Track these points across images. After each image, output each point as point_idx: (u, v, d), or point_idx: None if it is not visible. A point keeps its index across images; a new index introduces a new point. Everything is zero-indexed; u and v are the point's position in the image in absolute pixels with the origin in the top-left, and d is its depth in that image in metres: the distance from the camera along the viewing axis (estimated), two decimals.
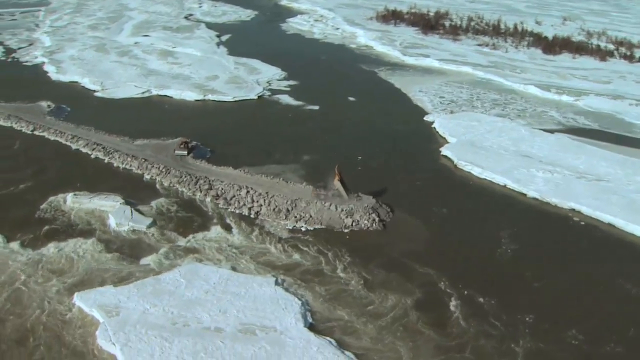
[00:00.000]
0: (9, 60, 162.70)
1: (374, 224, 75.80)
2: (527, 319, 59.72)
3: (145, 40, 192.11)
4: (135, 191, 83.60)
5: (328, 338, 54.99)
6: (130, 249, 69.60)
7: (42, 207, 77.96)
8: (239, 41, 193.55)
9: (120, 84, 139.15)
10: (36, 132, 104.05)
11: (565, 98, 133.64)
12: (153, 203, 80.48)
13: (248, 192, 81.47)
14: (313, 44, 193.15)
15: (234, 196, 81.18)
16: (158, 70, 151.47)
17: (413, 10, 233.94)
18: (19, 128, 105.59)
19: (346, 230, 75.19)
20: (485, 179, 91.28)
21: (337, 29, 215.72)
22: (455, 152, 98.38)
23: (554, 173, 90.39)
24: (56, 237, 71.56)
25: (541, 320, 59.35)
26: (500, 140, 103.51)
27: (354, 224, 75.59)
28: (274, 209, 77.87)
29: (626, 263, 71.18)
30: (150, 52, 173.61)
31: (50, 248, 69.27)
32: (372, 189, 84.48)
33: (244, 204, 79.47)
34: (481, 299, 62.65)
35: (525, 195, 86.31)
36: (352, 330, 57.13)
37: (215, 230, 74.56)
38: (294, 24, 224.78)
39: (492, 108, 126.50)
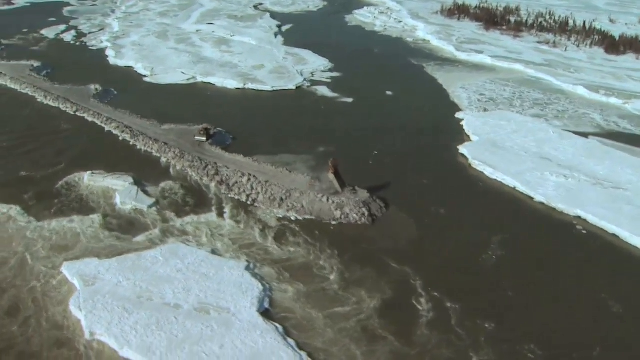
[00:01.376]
0: (77, 44, 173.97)
1: (362, 218, 77.07)
2: (490, 328, 58.69)
3: (208, 28, 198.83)
4: (148, 173, 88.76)
5: (276, 324, 56.91)
6: (127, 226, 74.77)
7: (61, 182, 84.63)
8: (297, 31, 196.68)
9: (169, 70, 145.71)
10: (78, 114, 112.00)
11: (613, 100, 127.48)
12: (161, 185, 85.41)
13: (249, 179, 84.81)
14: (370, 36, 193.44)
15: (236, 182, 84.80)
16: (209, 58, 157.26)
17: (483, 5, 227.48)
18: (64, 109, 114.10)
19: (334, 223, 76.91)
20: (495, 180, 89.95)
21: (400, 22, 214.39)
22: (472, 150, 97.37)
23: (569, 178, 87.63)
24: (66, 211, 77.50)
25: (505, 331, 58.22)
26: (524, 141, 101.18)
27: (342, 216, 77.17)
28: (269, 197, 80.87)
29: (617, 277, 68.26)
30: (208, 39, 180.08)
31: (58, 221, 75.00)
32: (374, 184, 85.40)
33: (244, 191, 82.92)
34: (449, 304, 61.98)
35: (532, 199, 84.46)
36: (308, 324, 58.55)
37: (210, 214, 78.49)
38: (358, 16, 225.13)
39: (530, 108, 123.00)
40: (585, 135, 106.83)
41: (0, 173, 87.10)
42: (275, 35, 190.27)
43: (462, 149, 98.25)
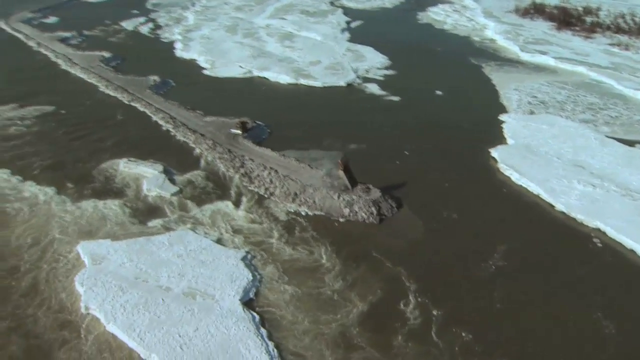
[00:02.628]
0: (151, 36, 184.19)
1: (370, 217, 78.16)
2: (467, 339, 58.18)
3: (278, 22, 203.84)
4: (180, 162, 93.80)
5: (254, 314, 59.67)
6: (146, 212, 79.83)
7: (99, 167, 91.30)
8: (365, 28, 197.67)
9: (229, 63, 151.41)
10: (131, 103, 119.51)
11: None
12: (189, 174, 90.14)
13: (270, 173, 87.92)
14: (437, 34, 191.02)
15: (257, 175, 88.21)
16: (270, 53, 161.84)
17: (563, 4, 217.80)
18: (120, 98, 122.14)
19: (342, 220, 78.48)
20: (520, 186, 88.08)
21: (471, 20, 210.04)
22: (503, 154, 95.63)
23: (597, 187, 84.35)
24: (99, 195, 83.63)
25: (482, 344, 57.54)
26: (560, 146, 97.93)
27: (351, 214, 78.62)
28: (285, 192, 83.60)
29: (621, 296, 65.22)
30: (274, 34, 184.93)
31: (90, 204, 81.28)
32: (394, 183, 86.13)
33: (263, 184, 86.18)
34: (435, 312, 61.68)
35: (553, 207, 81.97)
36: (286, 322, 59.87)
37: (226, 205, 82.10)
38: (431, 14, 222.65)
39: (581, 112, 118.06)
40: (631, 143, 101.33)
41: (49, 156, 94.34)
42: (342, 31, 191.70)
43: (494, 152, 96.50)
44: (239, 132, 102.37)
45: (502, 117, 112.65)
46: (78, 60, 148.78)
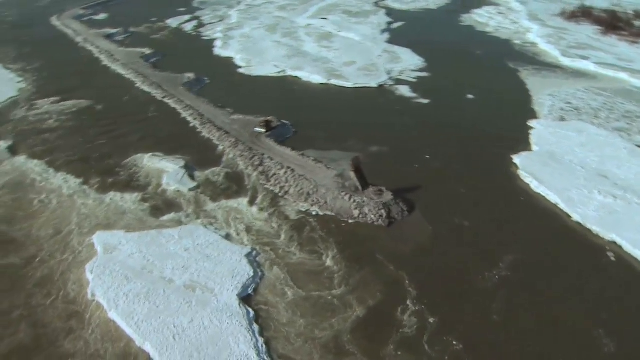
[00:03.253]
0: (193, 34, 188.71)
1: (379, 220, 78.53)
2: (457, 349, 57.48)
3: (319, 22, 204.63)
4: (203, 158, 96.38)
5: (249, 309, 61.22)
6: (163, 206, 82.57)
7: (125, 161, 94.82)
8: (405, 29, 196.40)
9: (264, 62, 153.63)
10: (164, 100, 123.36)
11: None
12: (208, 170, 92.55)
13: (286, 172, 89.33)
14: (477, 37, 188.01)
15: (274, 174, 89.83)
16: (306, 52, 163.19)
17: (612, 8, 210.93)
18: (154, 94, 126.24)
19: (351, 221, 79.08)
20: (539, 195, 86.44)
21: (515, 23, 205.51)
22: (525, 161, 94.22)
23: (618, 199, 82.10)
24: (118, 187, 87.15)
25: (472, 355, 56.83)
26: (587, 155, 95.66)
27: (360, 216, 79.18)
28: (299, 191, 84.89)
29: (629, 314, 62.84)
30: (313, 34, 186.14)
31: (112, 196, 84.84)
32: (409, 187, 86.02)
33: (278, 183, 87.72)
34: (431, 320, 61.02)
35: (569, 217, 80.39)
36: (281, 323, 60.59)
37: (240, 202, 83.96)
38: (474, 16, 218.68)
39: (616, 120, 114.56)
40: None
41: (79, 149, 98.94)
42: (382, 32, 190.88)
43: (516, 158, 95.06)
44: (262, 130, 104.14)
45: (531, 123, 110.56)
46: (120, 56, 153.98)
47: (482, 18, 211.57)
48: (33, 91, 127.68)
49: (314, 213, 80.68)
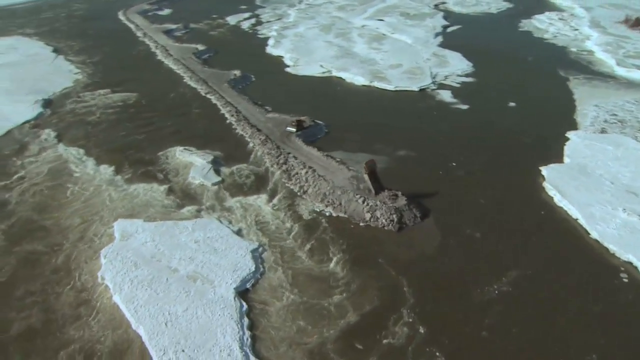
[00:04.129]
0: (250, 32, 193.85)
1: (390, 225, 79.09)
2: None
3: (374, 23, 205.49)
4: (232, 154, 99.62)
5: (244, 303, 63.56)
6: (185, 198, 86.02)
7: (158, 154, 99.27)
8: (460, 33, 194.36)
9: (312, 62, 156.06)
10: (207, 96, 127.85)
11: None
12: (235, 166, 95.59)
13: (307, 172, 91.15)
14: (533, 43, 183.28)
15: (296, 173, 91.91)
16: (354, 53, 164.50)
17: None
18: (199, 90, 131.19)
19: (362, 224, 80.00)
20: (561, 208, 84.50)
21: (575, 30, 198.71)
22: (553, 173, 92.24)
23: None
24: (147, 178, 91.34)
25: None
26: (619, 170, 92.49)
27: (372, 219, 79.99)
28: (316, 191, 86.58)
29: (627, 340, 60.11)
30: (365, 35, 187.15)
31: (140, 186, 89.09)
32: (428, 193, 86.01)
33: (299, 182, 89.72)
34: (422, 330, 60.75)
35: (588, 234, 78.38)
36: (271, 324, 61.43)
37: (259, 199, 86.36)
38: (534, 21, 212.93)
39: None
40: None
41: (119, 140, 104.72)
42: (435, 35, 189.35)
43: (545, 170, 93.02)
44: (293, 130, 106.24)
45: (569, 134, 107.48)
46: (174, 51, 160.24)
47: (542, 24, 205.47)
48: (87, 83, 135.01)
49: (327, 214, 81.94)
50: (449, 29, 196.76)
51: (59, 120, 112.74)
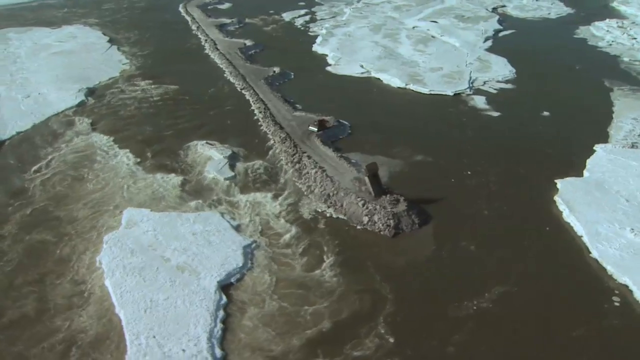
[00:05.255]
0: (301, 29, 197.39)
1: (386, 230, 79.94)
2: None
3: (426, 25, 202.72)
4: (251, 150, 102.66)
5: (224, 297, 66.44)
6: (196, 191, 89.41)
7: (182, 147, 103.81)
8: (512, 38, 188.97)
9: (353, 62, 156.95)
10: (243, 91, 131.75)
11: None
12: (251, 162, 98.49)
13: (317, 172, 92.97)
14: (584, 50, 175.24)
15: (307, 173, 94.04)
16: (398, 55, 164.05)
17: None
18: (236, 86, 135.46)
19: (359, 227, 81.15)
20: (567, 224, 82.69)
21: (633, 39, 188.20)
22: (567, 187, 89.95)
23: None
24: (166, 169, 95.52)
25: None
26: (639, 187, 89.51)
27: (369, 223, 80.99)
28: (321, 191, 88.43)
29: None
30: (413, 37, 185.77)
31: (157, 177, 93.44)
32: (432, 200, 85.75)
33: (307, 181, 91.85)
34: (392, 340, 60.34)
35: (589, 253, 76.59)
36: (243, 325, 62.43)
37: (266, 196, 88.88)
38: (592, 28, 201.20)
39: None
40: None
41: (149, 131, 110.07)
42: (485, 39, 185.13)
43: (560, 184, 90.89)
44: (314, 129, 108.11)
45: (597, 146, 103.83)
46: (222, 46, 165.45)
47: (599, 31, 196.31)
48: (132, 74, 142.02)
49: (327, 215, 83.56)
50: (502, 34, 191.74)
51: (97, 109, 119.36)
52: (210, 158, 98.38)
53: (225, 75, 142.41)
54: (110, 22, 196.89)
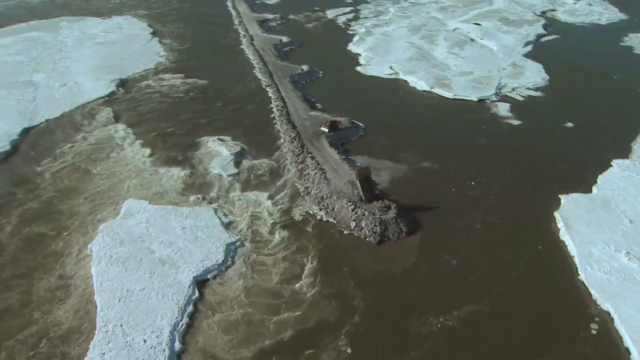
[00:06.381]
0: (342, 27, 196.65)
1: (371, 236, 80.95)
2: None
3: (468, 27, 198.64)
4: (260, 148, 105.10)
5: (197, 292, 69.34)
6: (197, 186, 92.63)
7: (195, 141, 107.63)
8: (554, 43, 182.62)
9: (383, 63, 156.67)
10: (267, 88, 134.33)
11: None
12: (258, 160, 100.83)
13: (316, 173, 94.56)
14: (626, 59, 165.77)
15: (307, 174, 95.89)
16: (431, 57, 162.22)
17: None
18: (262, 82, 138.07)
19: (346, 232, 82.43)
20: (562, 242, 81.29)
21: None
22: (570, 203, 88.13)
23: None
24: (174, 163, 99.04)
25: None
26: None
27: (356, 228, 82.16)
28: (317, 193, 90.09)
29: None
30: (451, 39, 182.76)
31: (164, 170, 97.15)
32: (426, 209, 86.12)
33: (306, 182, 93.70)
34: (349, 351, 61.25)
35: (577, 275, 75.33)
36: (207, 326, 64.23)
37: (264, 194, 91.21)
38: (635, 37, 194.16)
39: None
40: None
41: (166, 125, 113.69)
42: (525, 44, 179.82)
43: (564, 199, 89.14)
44: (326, 130, 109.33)
45: (614, 162, 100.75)
46: (257, 42, 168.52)
47: None
48: (166, 67, 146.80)
49: (318, 217, 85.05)
50: (544, 39, 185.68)
51: (124, 100, 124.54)
52: (218, 154, 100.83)
53: (254, 71, 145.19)
54: (159, 14, 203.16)
